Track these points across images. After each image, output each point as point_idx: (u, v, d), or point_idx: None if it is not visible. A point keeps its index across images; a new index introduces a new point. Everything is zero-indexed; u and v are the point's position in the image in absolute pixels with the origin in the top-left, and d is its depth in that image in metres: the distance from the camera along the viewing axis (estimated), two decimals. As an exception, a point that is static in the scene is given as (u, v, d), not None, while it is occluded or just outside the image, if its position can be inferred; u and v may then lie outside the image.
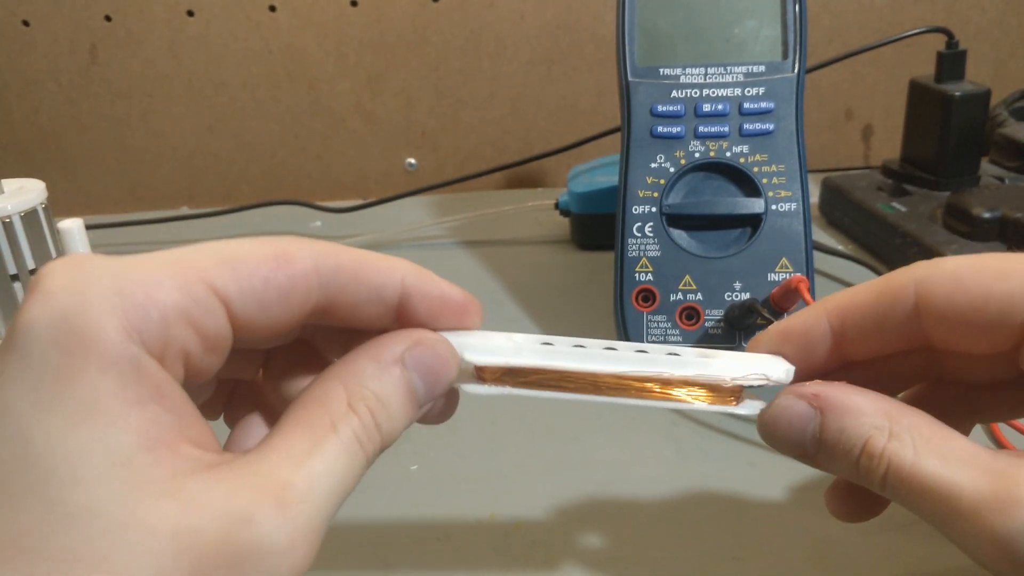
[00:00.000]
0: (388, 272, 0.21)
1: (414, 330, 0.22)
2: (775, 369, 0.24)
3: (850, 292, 0.24)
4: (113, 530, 0.16)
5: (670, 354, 0.23)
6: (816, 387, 0.23)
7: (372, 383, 0.21)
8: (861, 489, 0.23)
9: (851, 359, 0.25)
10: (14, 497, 0.16)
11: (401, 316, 0.22)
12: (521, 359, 0.23)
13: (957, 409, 0.26)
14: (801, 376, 0.24)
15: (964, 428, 0.27)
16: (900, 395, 0.27)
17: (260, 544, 0.17)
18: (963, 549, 0.21)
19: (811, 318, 0.24)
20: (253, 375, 0.25)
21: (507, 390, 0.23)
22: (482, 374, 0.24)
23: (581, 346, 0.23)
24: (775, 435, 0.23)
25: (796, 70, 0.44)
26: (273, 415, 0.24)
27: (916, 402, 0.26)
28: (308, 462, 0.19)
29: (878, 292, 0.23)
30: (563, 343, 0.23)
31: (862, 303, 0.24)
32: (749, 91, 0.44)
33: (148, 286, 0.18)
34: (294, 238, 0.21)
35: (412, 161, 0.79)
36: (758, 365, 0.24)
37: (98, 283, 0.17)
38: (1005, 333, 0.22)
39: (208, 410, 0.24)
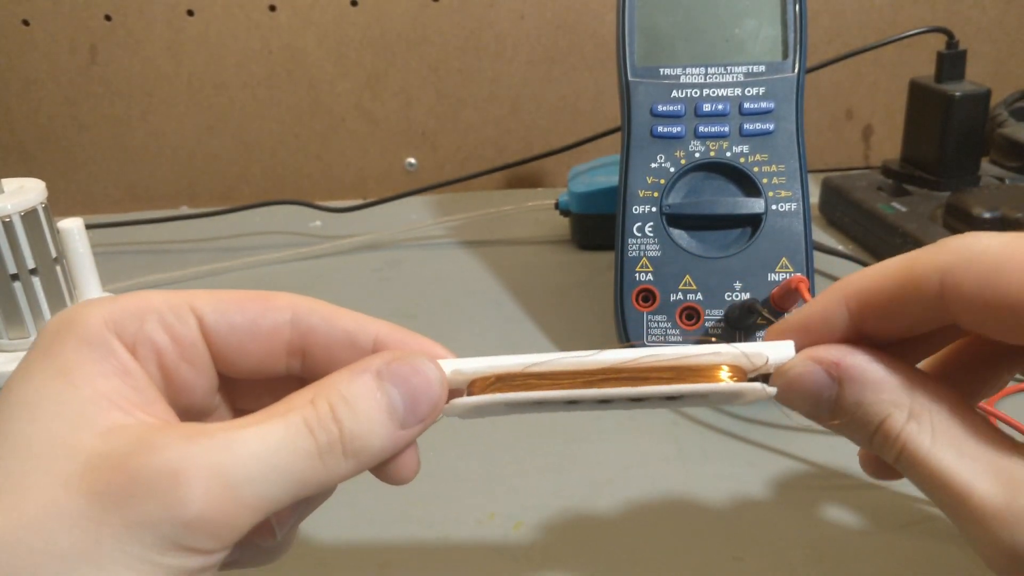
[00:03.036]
0: (362, 321, 0.23)
1: (398, 350, 0.22)
2: (777, 351, 0.23)
3: (870, 275, 0.22)
4: (41, 454, 0.19)
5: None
6: (838, 353, 0.22)
7: (340, 385, 0.21)
8: None
9: (871, 338, 0.23)
10: None
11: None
12: (512, 360, 0.23)
13: (990, 365, 0.25)
14: None
15: (999, 382, 0.25)
16: (931, 357, 0.25)
17: (155, 467, 0.18)
18: (972, 545, 0.21)
19: (830, 305, 0.23)
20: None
21: (500, 396, 0.22)
22: (472, 389, 0.23)
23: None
24: (790, 399, 0.23)
25: (796, 70, 0.44)
26: None
27: (947, 359, 0.25)
28: (240, 428, 0.19)
29: (901, 279, 0.21)
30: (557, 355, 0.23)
31: (883, 289, 0.22)
32: (749, 91, 0.44)
33: (136, 297, 0.22)
34: (278, 293, 0.23)
35: (412, 161, 0.79)
36: (758, 347, 0.23)
37: (102, 301, 0.21)
38: None
39: None
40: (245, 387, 0.25)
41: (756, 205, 0.43)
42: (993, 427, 0.21)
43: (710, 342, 0.42)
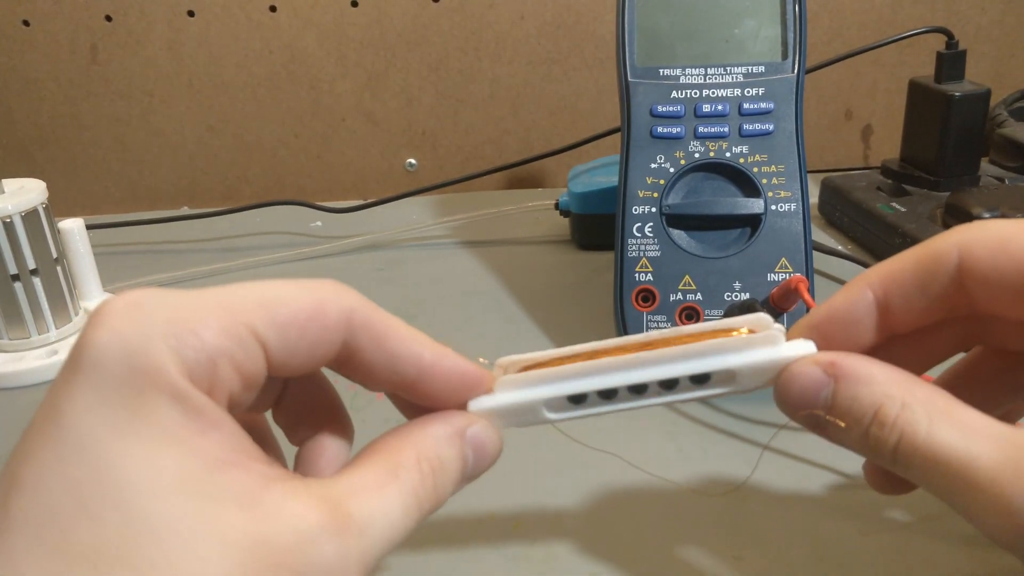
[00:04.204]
0: (408, 343, 0.23)
1: (470, 413, 0.24)
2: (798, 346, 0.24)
3: (891, 260, 0.24)
4: (188, 540, 0.17)
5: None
6: (833, 355, 0.23)
7: (440, 448, 0.23)
8: None
9: (895, 331, 0.24)
10: (95, 513, 0.17)
11: (417, 386, 0.23)
12: (545, 353, 0.24)
13: (1001, 383, 0.26)
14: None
15: (1006, 403, 0.26)
16: (943, 372, 0.26)
17: (319, 562, 0.19)
18: (976, 523, 0.21)
19: (854, 291, 0.24)
20: (268, 407, 0.26)
21: (544, 371, 0.24)
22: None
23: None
24: (788, 399, 0.23)
25: (796, 70, 0.44)
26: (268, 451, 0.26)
27: (960, 375, 0.26)
28: (370, 499, 0.20)
29: (919, 257, 0.23)
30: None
31: (903, 269, 0.23)
32: (749, 91, 0.44)
33: (199, 329, 0.19)
34: (331, 284, 0.22)
35: (412, 161, 0.79)
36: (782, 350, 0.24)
37: (156, 324, 0.19)
38: None
39: None
40: None
41: (755, 205, 0.43)
42: (984, 414, 0.22)
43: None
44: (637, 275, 0.43)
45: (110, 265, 0.61)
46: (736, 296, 0.42)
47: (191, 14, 0.73)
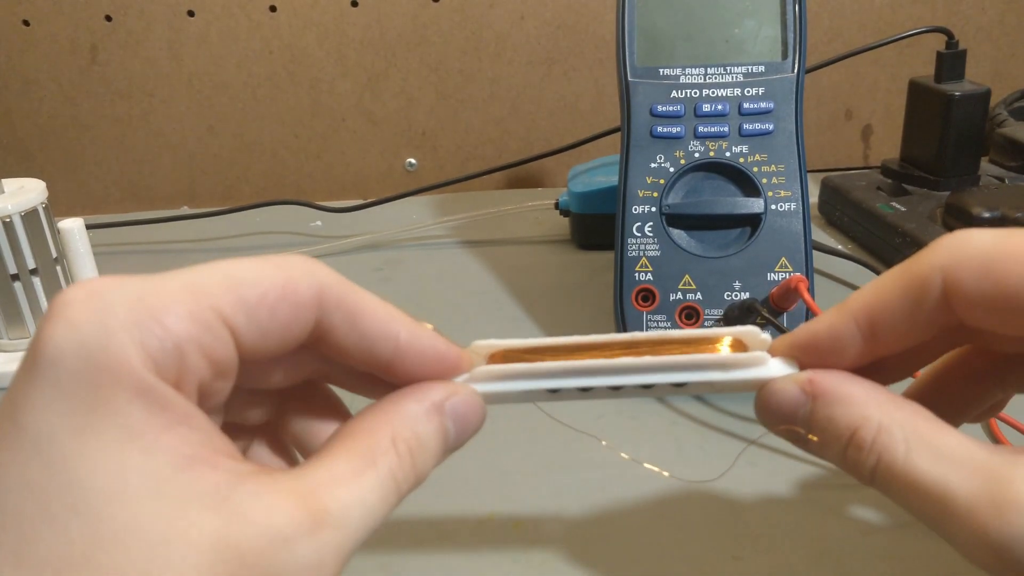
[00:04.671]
0: (383, 322, 0.22)
1: (451, 382, 0.23)
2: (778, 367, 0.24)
3: (873, 290, 0.22)
4: (156, 544, 0.17)
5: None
6: (811, 373, 0.23)
7: (416, 425, 0.22)
8: None
9: (882, 354, 0.23)
10: (58, 517, 0.17)
11: (393, 366, 0.23)
12: (525, 341, 0.24)
13: (989, 379, 0.25)
14: None
15: (997, 397, 0.26)
16: (930, 365, 0.26)
17: (292, 563, 0.18)
18: (957, 549, 0.21)
19: (839, 325, 0.23)
20: (266, 418, 0.25)
21: (520, 366, 0.24)
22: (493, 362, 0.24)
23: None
24: (766, 415, 0.23)
25: (796, 70, 0.44)
26: (272, 444, 0.25)
27: (946, 370, 0.26)
28: (345, 490, 0.20)
29: (904, 285, 0.22)
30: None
31: (889, 301, 0.22)
32: (749, 91, 0.44)
33: (163, 316, 0.18)
34: (300, 260, 0.21)
35: (412, 161, 0.79)
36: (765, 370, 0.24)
37: (117, 314, 0.18)
38: None
39: None
40: None
41: (755, 205, 0.43)
42: (964, 435, 0.21)
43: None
44: (637, 275, 0.43)
45: (110, 265, 0.61)
46: (736, 296, 0.42)
47: (191, 14, 0.73)
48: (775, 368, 0.24)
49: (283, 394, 0.25)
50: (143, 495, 0.17)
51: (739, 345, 0.24)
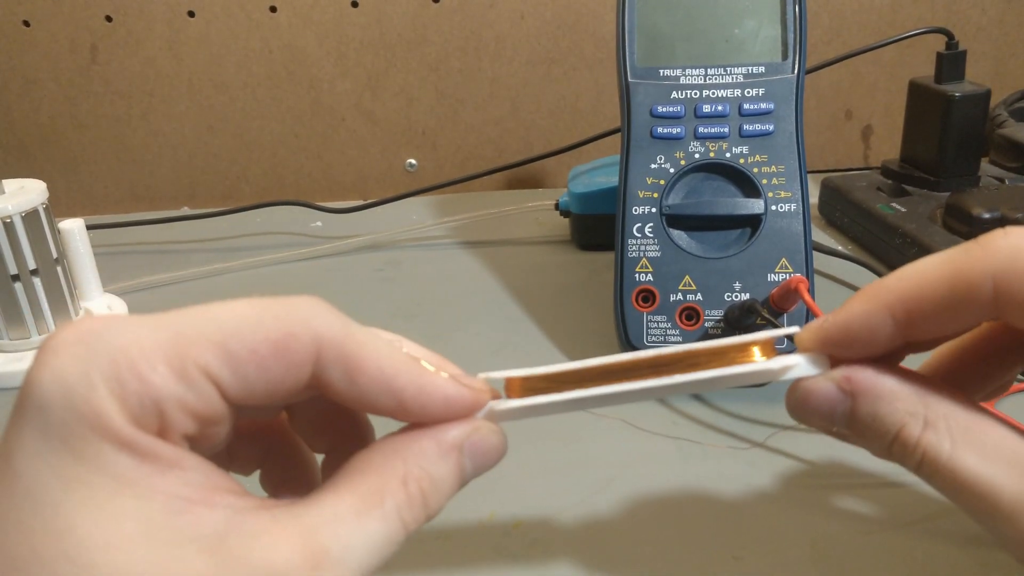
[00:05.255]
0: (386, 377, 0.21)
1: (469, 420, 0.22)
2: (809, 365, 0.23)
3: (915, 283, 0.21)
4: None
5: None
6: (847, 370, 0.22)
7: (431, 465, 0.21)
8: None
9: (914, 342, 0.23)
10: (50, 564, 0.17)
11: (398, 417, 0.22)
12: (542, 370, 0.23)
13: (1012, 355, 0.25)
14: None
15: (1014, 373, 0.25)
16: (946, 345, 0.25)
17: None
18: (1001, 546, 0.21)
19: (874, 317, 0.22)
20: (274, 415, 0.25)
21: (540, 398, 0.23)
22: (510, 392, 0.24)
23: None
24: (803, 415, 0.23)
25: (796, 71, 0.44)
26: (287, 454, 0.25)
27: (970, 348, 0.25)
28: (348, 530, 0.19)
29: (950, 286, 0.21)
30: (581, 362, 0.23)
31: (931, 298, 0.21)
32: (749, 92, 0.44)
33: (145, 371, 0.18)
34: (302, 309, 0.20)
35: (412, 161, 0.79)
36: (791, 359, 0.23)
37: (100, 365, 0.18)
38: None
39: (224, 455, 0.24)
40: None
41: (755, 206, 0.43)
42: (1009, 422, 0.21)
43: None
44: (637, 275, 0.43)
45: (110, 265, 0.61)
46: (736, 296, 0.42)
47: (191, 14, 0.73)
48: (804, 366, 0.23)
49: (303, 404, 0.24)
50: (137, 541, 0.17)
51: (768, 349, 0.23)
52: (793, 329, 0.23)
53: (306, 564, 0.18)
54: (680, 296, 0.43)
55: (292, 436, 0.25)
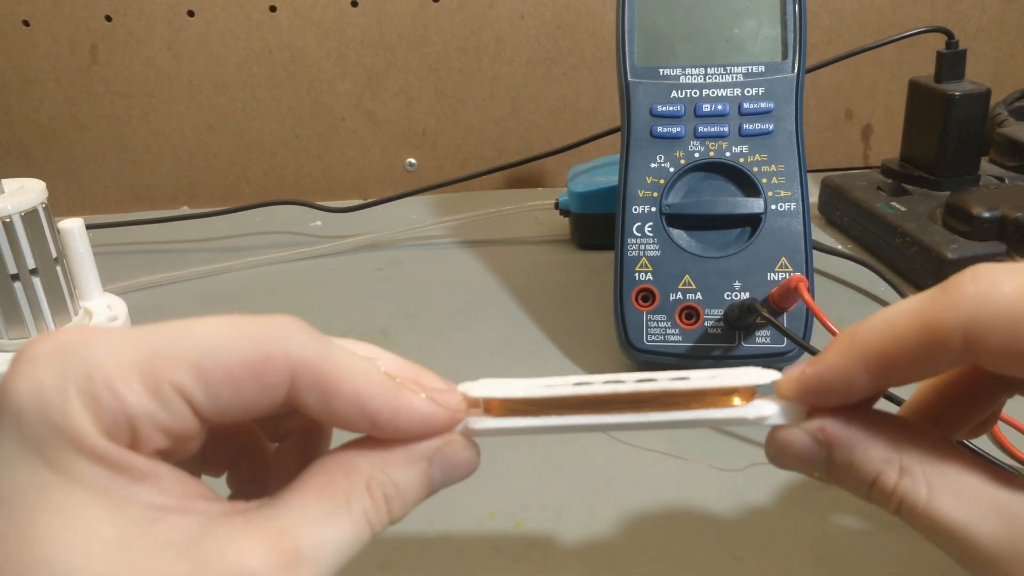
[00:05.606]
0: (362, 400, 0.21)
1: (446, 436, 0.23)
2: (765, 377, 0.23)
3: (887, 335, 0.21)
4: None
5: (677, 379, 0.23)
6: (822, 421, 0.22)
7: (396, 473, 0.21)
8: None
9: (887, 389, 0.23)
10: (26, 570, 0.17)
11: (376, 435, 0.22)
12: (518, 391, 0.23)
13: (992, 391, 0.25)
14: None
15: (987, 411, 0.25)
16: (937, 378, 0.25)
17: None
18: None
19: (850, 370, 0.22)
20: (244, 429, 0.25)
21: (517, 421, 0.23)
22: (489, 409, 0.24)
23: (585, 383, 0.23)
24: (783, 464, 0.23)
25: (796, 70, 0.44)
26: (255, 453, 0.25)
27: (949, 387, 0.25)
28: (319, 530, 0.20)
29: (921, 338, 0.20)
30: (563, 380, 0.23)
31: (904, 349, 0.21)
32: (749, 91, 0.44)
33: (119, 388, 0.18)
34: (278, 329, 0.20)
35: (412, 161, 0.79)
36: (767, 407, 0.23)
37: (75, 379, 0.18)
38: None
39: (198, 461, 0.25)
40: None
41: (755, 205, 0.43)
42: (986, 462, 0.21)
43: (710, 343, 0.43)
44: (637, 275, 0.43)
45: (110, 265, 0.61)
46: (736, 296, 0.42)
47: (191, 14, 0.73)
48: (778, 415, 0.23)
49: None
50: (113, 547, 0.17)
51: (747, 393, 0.23)
52: (775, 375, 0.23)
53: (280, 563, 0.19)
54: (680, 295, 0.43)
55: (261, 438, 0.26)
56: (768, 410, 0.23)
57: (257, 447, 0.26)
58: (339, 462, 0.21)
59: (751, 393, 0.23)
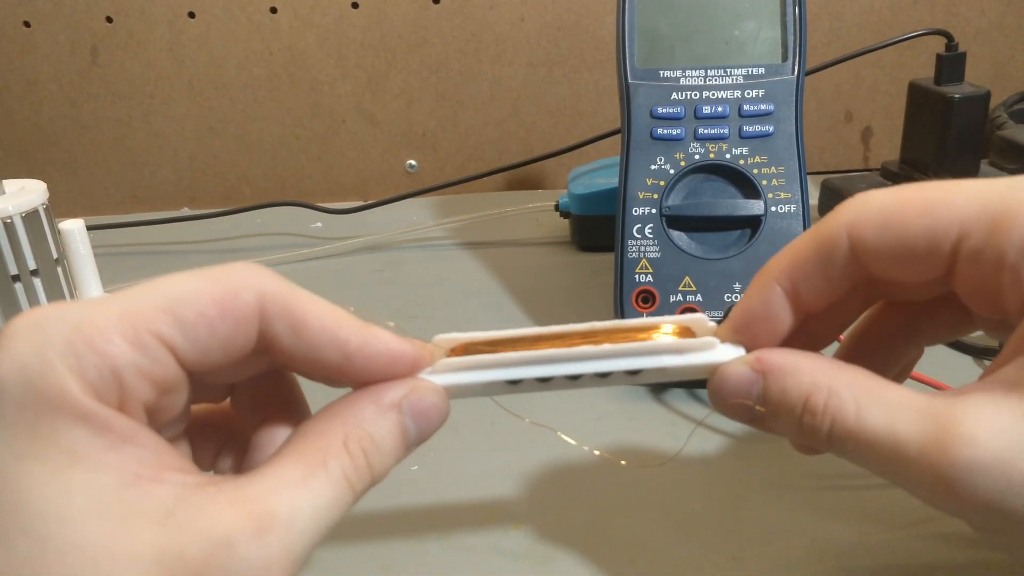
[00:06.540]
0: (329, 331, 0.22)
1: (411, 378, 0.23)
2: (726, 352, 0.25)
3: (789, 253, 0.25)
4: (101, 559, 0.18)
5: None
6: (759, 352, 0.24)
7: (370, 425, 0.22)
8: None
9: (809, 313, 0.25)
10: (7, 536, 0.18)
11: (344, 372, 0.22)
12: (487, 334, 0.25)
13: (903, 333, 0.27)
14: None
15: (912, 352, 0.28)
16: (851, 327, 0.28)
17: (238, 567, 0.19)
18: (916, 495, 0.21)
19: (764, 288, 0.25)
20: (219, 400, 0.25)
21: (480, 358, 0.24)
22: (454, 355, 0.25)
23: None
24: (722, 399, 0.25)
25: (796, 72, 0.44)
26: (240, 443, 0.25)
27: (865, 331, 0.28)
28: (294, 493, 0.20)
29: (816, 244, 0.24)
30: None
31: (804, 260, 0.24)
32: (749, 93, 0.44)
33: (100, 343, 0.19)
34: (241, 270, 0.21)
35: (412, 162, 0.79)
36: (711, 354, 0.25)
37: (55, 344, 0.19)
38: (933, 262, 0.23)
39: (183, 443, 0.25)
40: None
41: (755, 207, 0.43)
42: (907, 387, 0.23)
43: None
44: (637, 276, 0.43)
45: (111, 266, 0.62)
46: (736, 297, 0.42)
47: (191, 15, 0.73)
48: (724, 352, 0.25)
49: (244, 386, 0.25)
50: (88, 514, 0.18)
51: (688, 332, 0.25)
52: (712, 325, 0.26)
53: (253, 528, 0.19)
54: (680, 297, 0.43)
55: (246, 429, 0.26)
56: (713, 342, 0.25)
57: (245, 439, 0.26)
58: (314, 426, 0.22)
59: (691, 333, 0.25)
